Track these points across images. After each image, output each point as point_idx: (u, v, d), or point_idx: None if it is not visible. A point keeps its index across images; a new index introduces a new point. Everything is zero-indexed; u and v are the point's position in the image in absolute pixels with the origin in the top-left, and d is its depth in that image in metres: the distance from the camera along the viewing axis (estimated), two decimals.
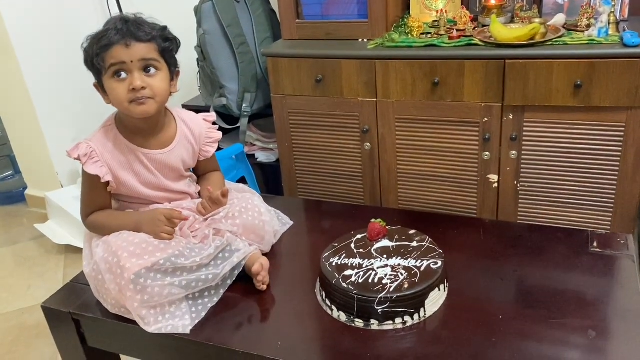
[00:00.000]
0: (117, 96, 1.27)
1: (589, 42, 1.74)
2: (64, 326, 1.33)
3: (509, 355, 1.06)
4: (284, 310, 1.25)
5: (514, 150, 1.88)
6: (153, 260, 1.22)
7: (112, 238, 1.27)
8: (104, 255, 1.25)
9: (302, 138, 2.20)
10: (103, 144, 1.34)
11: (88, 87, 1.34)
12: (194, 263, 1.25)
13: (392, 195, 2.15)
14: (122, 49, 1.24)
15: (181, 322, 1.23)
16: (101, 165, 1.32)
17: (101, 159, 1.32)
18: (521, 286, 1.23)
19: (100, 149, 1.33)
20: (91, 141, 1.34)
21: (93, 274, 1.29)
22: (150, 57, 1.27)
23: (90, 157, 1.31)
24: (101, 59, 1.25)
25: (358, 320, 1.17)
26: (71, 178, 2.79)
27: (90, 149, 1.32)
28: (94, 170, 1.31)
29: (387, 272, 1.19)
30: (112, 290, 1.24)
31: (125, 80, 1.26)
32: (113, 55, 1.24)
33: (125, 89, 1.26)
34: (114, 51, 1.24)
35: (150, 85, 1.27)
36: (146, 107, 1.29)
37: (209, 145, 1.48)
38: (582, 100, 1.73)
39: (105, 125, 1.37)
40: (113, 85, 1.27)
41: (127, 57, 1.24)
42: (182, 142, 1.42)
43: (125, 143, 1.35)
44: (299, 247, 1.48)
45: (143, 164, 1.36)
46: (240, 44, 2.25)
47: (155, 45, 1.28)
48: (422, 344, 1.10)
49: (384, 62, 1.94)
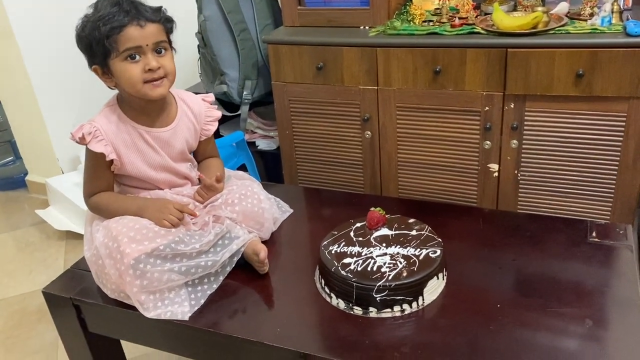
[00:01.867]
0: (131, 77, 1.27)
1: (591, 31, 1.73)
2: (65, 312, 1.34)
3: (507, 344, 1.06)
4: (283, 298, 1.25)
5: (515, 140, 1.88)
6: (153, 245, 1.22)
7: (113, 223, 1.27)
8: (104, 240, 1.26)
9: (302, 126, 2.19)
10: (107, 124, 1.34)
11: (89, 72, 1.33)
12: (194, 249, 1.25)
13: (392, 184, 2.15)
14: (137, 30, 1.24)
15: (180, 309, 1.23)
16: (105, 143, 1.32)
17: (105, 138, 1.32)
18: (519, 275, 1.24)
19: (104, 128, 1.33)
20: (94, 121, 1.34)
21: (93, 259, 1.30)
22: (161, 39, 1.29)
23: (94, 136, 1.32)
24: (113, 41, 1.24)
25: (357, 308, 1.17)
26: (72, 164, 2.79)
27: (94, 127, 1.32)
28: (99, 148, 1.31)
29: (385, 261, 1.19)
30: (112, 275, 1.25)
31: (139, 62, 1.27)
32: (129, 38, 1.24)
33: (139, 70, 1.26)
34: (128, 33, 1.24)
35: (163, 65, 1.29)
36: (161, 89, 1.30)
37: (210, 124, 1.48)
38: (584, 90, 1.73)
39: (108, 105, 1.38)
40: (126, 67, 1.26)
41: (142, 40, 1.25)
42: (184, 120, 1.42)
43: (129, 122, 1.36)
44: (298, 234, 1.48)
45: (148, 143, 1.37)
46: (241, 30, 2.24)
47: (163, 26, 1.30)
48: (420, 332, 1.11)
49: (386, 50, 1.93)
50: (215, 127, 1.50)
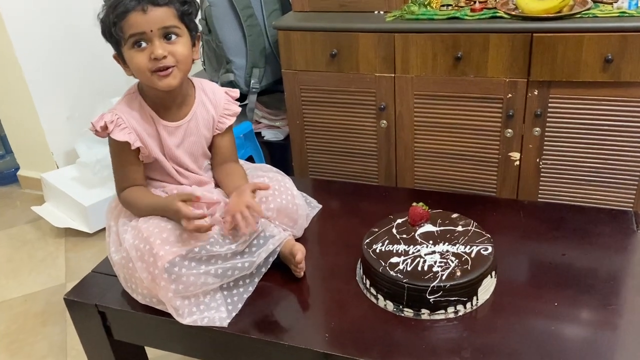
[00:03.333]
0: (138, 66, 1.19)
1: (620, 15, 1.68)
2: (89, 319, 1.26)
3: (573, 345, 1.01)
4: (324, 300, 1.19)
5: (538, 127, 1.83)
6: (187, 248, 1.15)
7: (143, 223, 1.19)
8: (134, 241, 1.18)
9: (314, 116, 2.12)
10: (129, 112, 1.26)
11: (83, 64, 1.26)
12: (229, 250, 1.18)
13: (408, 175, 2.09)
14: (140, 15, 1.15)
15: (217, 314, 1.16)
16: (129, 131, 1.24)
17: (129, 126, 1.24)
18: (572, 271, 1.19)
19: (126, 116, 1.25)
20: (116, 109, 1.26)
21: (122, 262, 1.21)
22: (170, 24, 1.19)
23: (117, 125, 1.23)
24: (119, 29, 1.16)
25: (407, 310, 1.11)
26: (67, 158, 2.68)
27: (116, 116, 1.24)
28: (123, 137, 1.23)
29: (436, 259, 1.13)
30: (144, 280, 1.17)
31: (146, 49, 1.18)
32: (131, 24, 1.16)
33: (145, 58, 1.18)
34: (131, 18, 1.15)
35: (172, 52, 1.19)
36: (170, 79, 1.21)
37: (226, 117, 1.38)
38: (612, 75, 1.68)
39: (128, 93, 1.29)
40: (132, 55, 1.18)
41: (146, 25, 1.16)
42: (200, 112, 1.33)
43: (149, 112, 1.28)
44: (330, 231, 1.41)
45: (165, 135, 1.29)
46: (248, 16, 2.15)
47: (173, 9, 1.19)
48: (478, 334, 1.06)
49: (404, 36, 1.86)
50: (232, 121, 1.40)
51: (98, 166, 2.33)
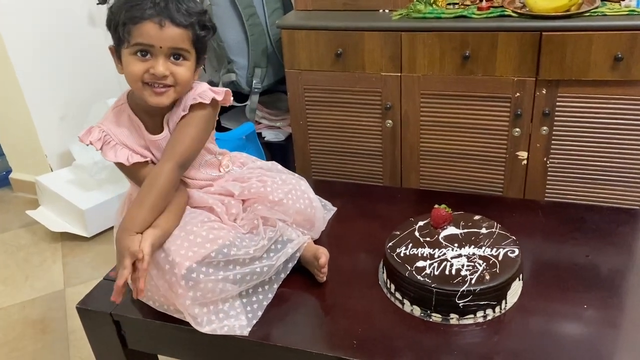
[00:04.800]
0: (132, 72, 1.13)
1: (629, 13, 1.67)
2: (103, 328, 1.21)
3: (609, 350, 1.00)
4: (347, 305, 1.16)
5: (546, 126, 1.82)
6: (203, 252, 1.11)
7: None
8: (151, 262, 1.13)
9: (318, 116, 2.09)
10: (116, 127, 1.21)
11: (76, 63, 1.20)
12: (247, 255, 1.14)
13: (413, 175, 2.07)
14: (155, 28, 1.09)
15: (237, 322, 1.13)
16: (120, 147, 1.19)
17: (118, 142, 1.19)
18: (598, 272, 1.18)
19: (114, 131, 1.20)
20: (103, 124, 1.21)
21: None
22: (181, 47, 1.13)
23: (105, 142, 1.18)
24: (127, 31, 1.10)
25: (435, 315, 1.09)
26: (61, 160, 2.61)
27: (102, 132, 1.19)
28: (114, 157, 1.18)
29: (463, 263, 1.11)
30: (161, 287, 1.13)
31: (147, 61, 1.12)
32: (142, 33, 1.10)
33: (143, 68, 1.12)
34: (144, 27, 1.09)
35: (174, 73, 1.13)
36: (163, 99, 1.15)
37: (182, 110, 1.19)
38: (621, 74, 1.68)
39: (117, 105, 1.24)
40: (130, 61, 1.13)
41: (157, 40, 1.10)
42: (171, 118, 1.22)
43: (137, 124, 1.22)
44: (347, 234, 1.39)
45: (155, 150, 1.23)
46: (250, 15, 2.11)
47: (190, 32, 1.13)
48: (510, 339, 1.04)
49: (411, 35, 1.84)
50: (177, 117, 1.20)
51: (96, 168, 2.28)
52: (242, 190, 1.26)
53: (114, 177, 2.35)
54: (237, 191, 1.26)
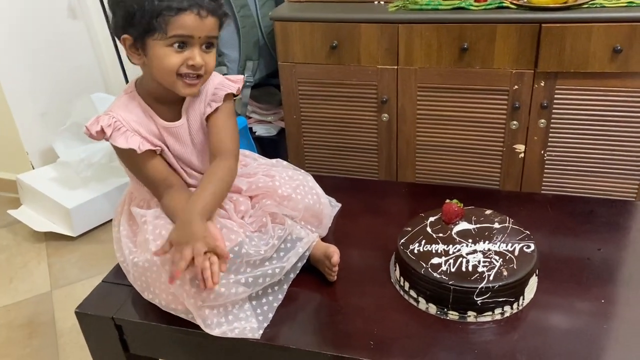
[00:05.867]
0: (168, 65, 1.08)
1: (627, 5, 1.67)
2: (105, 333, 1.16)
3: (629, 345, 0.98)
4: (360, 304, 1.12)
5: (543, 119, 1.81)
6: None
7: (165, 231, 1.09)
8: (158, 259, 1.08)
9: (312, 110, 2.05)
10: (127, 113, 1.15)
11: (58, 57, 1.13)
12: (259, 255, 1.10)
13: (409, 169, 2.05)
14: (195, 19, 1.06)
15: (248, 325, 1.08)
16: (132, 134, 1.13)
17: (130, 129, 1.14)
18: (612, 265, 1.17)
19: (125, 118, 1.14)
20: (112, 111, 1.15)
21: (146, 265, 1.10)
22: (213, 35, 1.11)
23: (115, 129, 1.13)
24: (163, 22, 1.05)
25: (452, 313, 1.06)
26: (43, 158, 2.52)
27: (113, 118, 1.13)
28: (125, 143, 1.12)
29: (479, 259, 1.09)
30: (170, 286, 1.07)
31: (183, 53, 1.08)
32: (183, 25, 1.06)
33: (179, 60, 1.08)
34: (185, 18, 1.05)
35: (206, 63, 1.11)
36: (194, 90, 1.14)
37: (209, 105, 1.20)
38: (620, 66, 1.67)
39: (126, 93, 1.19)
40: (166, 53, 1.08)
41: (197, 31, 1.07)
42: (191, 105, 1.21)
43: (149, 112, 1.17)
44: (354, 230, 1.35)
45: (169, 135, 1.19)
46: (241, 6, 2.05)
47: (219, 20, 1.12)
48: (529, 336, 1.02)
49: (408, 27, 1.81)
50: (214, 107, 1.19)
51: (82, 165, 2.20)
52: (249, 185, 1.22)
53: (100, 174, 2.28)
54: (245, 186, 1.22)
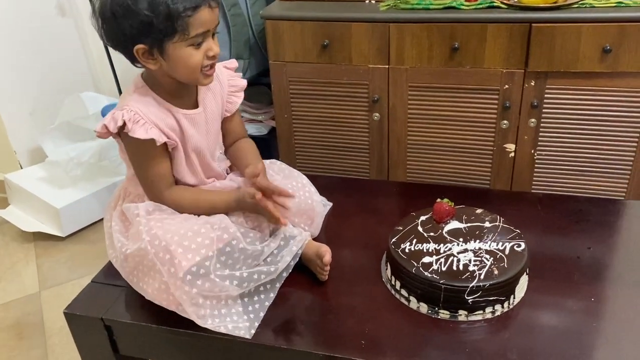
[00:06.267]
0: (193, 64, 1.09)
1: (617, 5, 1.68)
2: (93, 334, 1.15)
3: (618, 341, 0.99)
4: (352, 304, 1.12)
5: (534, 118, 1.82)
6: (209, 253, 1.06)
7: (159, 230, 1.07)
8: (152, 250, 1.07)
9: (303, 109, 2.05)
10: (144, 107, 1.13)
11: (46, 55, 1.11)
12: (256, 250, 1.10)
13: (400, 168, 2.05)
14: (209, 12, 1.07)
15: (240, 324, 1.08)
16: (150, 126, 1.12)
17: (148, 121, 1.12)
18: (601, 264, 1.17)
19: (143, 111, 1.13)
20: (128, 106, 1.12)
21: (142, 253, 1.08)
22: (218, 21, 1.12)
23: (134, 122, 1.11)
24: (184, 24, 1.04)
25: (443, 312, 1.07)
26: (31, 157, 2.50)
27: (131, 112, 1.11)
28: (145, 134, 1.10)
29: (470, 258, 1.09)
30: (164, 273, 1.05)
31: (202, 47, 1.09)
32: (201, 22, 1.06)
33: (201, 56, 1.09)
34: (201, 15, 1.06)
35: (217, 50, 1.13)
36: (212, 78, 1.16)
37: (234, 95, 1.29)
38: (609, 66, 1.68)
39: (136, 88, 1.17)
40: (190, 53, 1.08)
41: (210, 23, 1.08)
42: (208, 95, 1.23)
43: (164, 104, 1.16)
44: (345, 230, 1.35)
45: (189, 125, 1.19)
46: (232, 5, 2.04)
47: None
48: (520, 334, 1.02)
49: (399, 26, 1.81)
50: (241, 98, 1.30)
51: (71, 164, 2.18)
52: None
53: (89, 174, 2.26)
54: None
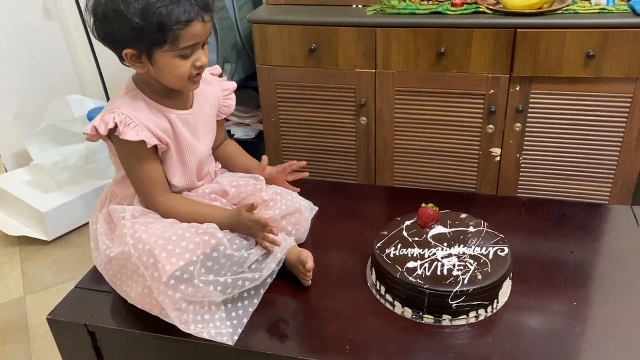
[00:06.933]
0: (181, 74, 1.09)
1: (600, 11, 1.70)
2: (77, 340, 1.14)
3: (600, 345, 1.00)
4: (336, 309, 1.12)
5: (519, 123, 1.83)
6: (193, 258, 1.06)
7: (143, 234, 1.07)
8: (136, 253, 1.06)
9: (290, 113, 2.05)
10: (134, 109, 1.13)
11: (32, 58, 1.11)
12: (242, 258, 1.10)
13: (387, 172, 2.06)
14: (201, 26, 1.07)
15: (223, 330, 1.08)
16: (141, 129, 1.11)
17: (139, 124, 1.12)
18: (584, 268, 1.18)
19: (133, 114, 1.12)
20: (119, 109, 1.12)
21: (124, 257, 1.08)
22: (209, 32, 1.12)
23: (125, 124, 1.10)
24: (174, 36, 1.04)
25: (427, 317, 1.07)
26: (16, 160, 2.48)
27: (122, 115, 1.10)
28: (136, 136, 1.10)
29: (454, 263, 1.09)
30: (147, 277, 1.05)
31: (190, 58, 1.09)
32: (192, 35, 1.06)
33: (189, 66, 1.10)
34: (193, 29, 1.06)
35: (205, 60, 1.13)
36: (199, 84, 1.17)
37: (228, 98, 1.32)
38: (593, 71, 1.70)
39: (128, 91, 1.16)
40: (177, 64, 1.08)
41: (202, 36, 1.08)
42: (200, 98, 1.24)
43: (156, 106, 1.16)
44: (331, 234, 1.35)
45: (181, 127, 1.18)
46: (219, 9, 2.04)
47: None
48: (504, 339, 1.03)
49: (386, 30, 1.82)
50: (234, 101, 1.33)
51: (56, 168, 2.17)
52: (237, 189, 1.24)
53: (75, 177, 2.24)
54: (232, 190, 1.24)
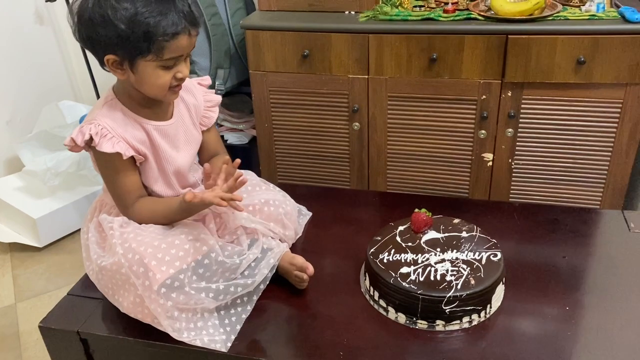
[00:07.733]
0: (161, 85, 1.10)
1: (590, 18, 1.72)
2: (69, 347, 1.13)
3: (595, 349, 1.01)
4: (330, 314, 1.13)
5: (511, 128, 1.85)
6: (184, 266, 1.06)
7: (133, 243, 1.07)
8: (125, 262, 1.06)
9: (283, 118, 2.05)
10: (112, 120, 1.13)
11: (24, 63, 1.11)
12: (234, 264, 1.10)
13: (380, 177, 2.06)
14: (187, 39, 1.08)
15: (216, 337, 1.08)
16: (117, 140, 1.12)
17: (115, 135, 1.12)
18: (576, 273, 1.19)
19: (110, 125, 1.12)
20: (96, 119, 1.12)
21: (114, 267, 1.08)
22: (194, 46, 1.12)
23: (102, 136, 1.11)
24: (159, 47, 1.04)
25: (421, 322, 1.07)
26: (8, 167, 2.46)
27: (99, 126, 1.11)
28: (111, 148, 1.10)
29: (447, 268, 1.10)
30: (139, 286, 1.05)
31: (172, 69, 1.09)
32: (177, 48, 1.06)
33: (170, 77, 1.10)
34: (179, 42, 1.06)
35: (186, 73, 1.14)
36: (178, 94, 1.17)
37: (210, 110, 1.31)
38: (583, 77, 1.72)
39: (107, 101, 1.16)
40: (158, 74, 1.08)
41: (186, 49, 1.09)
42: (182, 109, 1.25)
43: (134, 117, 1.16)
44: (324, 240, 1.35)
45: (158, 138, 1.18)
46: (212, 15, 2.05)
47: None
48: (498, 344, 1.03)
49: (378, 37, 1.83)
50: (217, 114, 1.34)
51: (49, 174, 2.16)
52: None
53: (67, 184, 2.23)
54: None
